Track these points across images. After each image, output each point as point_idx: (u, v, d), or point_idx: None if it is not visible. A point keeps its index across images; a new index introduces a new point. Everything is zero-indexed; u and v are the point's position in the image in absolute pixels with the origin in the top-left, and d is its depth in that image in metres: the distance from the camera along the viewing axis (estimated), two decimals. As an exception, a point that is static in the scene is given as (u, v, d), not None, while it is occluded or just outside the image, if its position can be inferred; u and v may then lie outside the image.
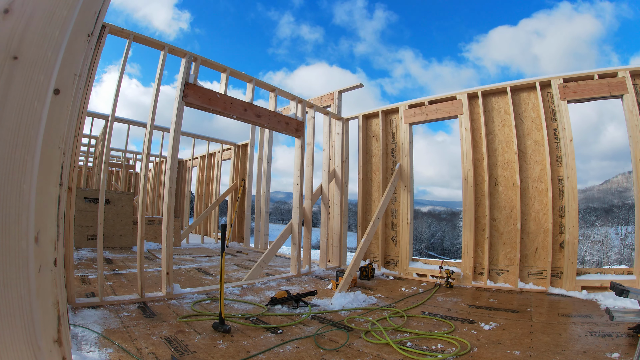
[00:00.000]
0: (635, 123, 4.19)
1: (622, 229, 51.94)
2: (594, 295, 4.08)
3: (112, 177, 12.15)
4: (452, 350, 2.50)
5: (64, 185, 0.99)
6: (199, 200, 11.27)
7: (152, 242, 7.84)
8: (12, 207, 0.83)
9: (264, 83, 5.11)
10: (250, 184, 9.30)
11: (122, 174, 10.85)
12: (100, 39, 3.37)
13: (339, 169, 6.54)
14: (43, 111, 0.88)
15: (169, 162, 3.87)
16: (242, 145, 10.12)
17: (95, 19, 1.01)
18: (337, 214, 6.49)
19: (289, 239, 5.54)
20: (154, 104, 3.82)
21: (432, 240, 65.87)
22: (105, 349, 2.30)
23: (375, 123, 6.47)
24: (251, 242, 9.65)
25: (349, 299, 3.82)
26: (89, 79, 3.24)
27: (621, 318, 2.42)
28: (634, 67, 4.30)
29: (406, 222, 5.81)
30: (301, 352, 2.45)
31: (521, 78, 5.06)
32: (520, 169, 4.90)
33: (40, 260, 0.88)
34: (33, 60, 0.86)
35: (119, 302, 3.40)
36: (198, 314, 3.21)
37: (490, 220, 5.04)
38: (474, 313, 3.54)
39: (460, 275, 5.12)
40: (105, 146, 3.59)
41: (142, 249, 3.58)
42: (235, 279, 4.99)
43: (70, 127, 0.98)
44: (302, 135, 5.55)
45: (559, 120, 4.67)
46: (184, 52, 4.01)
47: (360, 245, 5.10)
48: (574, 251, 4.40)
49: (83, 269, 4.97)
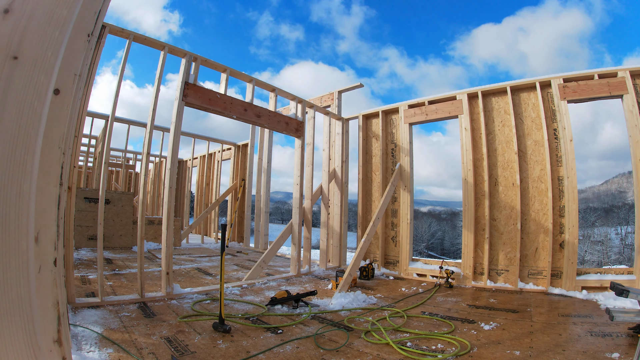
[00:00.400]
0: (635, 123, 4.19)
1: (622, 229, 51.94)
2: (594, 295, 4.08)
3: (112, 177, 12.16)
4: (452, 350, 2.49)
5: (64, 185, 0.99)
6: (199, 200, 11.27)
7: (152, 242, 7.84)
8: (12, 207, 0.83)
9: (264, 83, 5.12)
10: (250, 184, 9.31)
11: (122, 174, 10.85)
12: (100, 39, 3.37)
13: (339, 169, 6.54)
14: (43, 111, 0.88)
15: (169, 162, 3.87)
16: (242, 145, 10.12)
17: (95, 19, 1.01)
18: (337, 214, 6.49)
19: (289, 239, 5.54)
20: (154, 104, 3.82)
21: (432, 240, 65.86)
22: (105, 349, 2.30)
23: (375, 123, 6.47)
24: (251, 242, 9.65)
25: (349, 299, 3.82)
26: (89, 79, 3.24)
27: (621, 318, 2.42)
28: (634, 67, 4.30)
29: (406, 222, 5.81)
30: (301, 352, 2.45)
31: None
32: (520, 169, 4.90)
33: (40, 260, 0.89)
34: (33, 60, 0.86)
35: (119, 302, 3.40)
36: (198, 314, 3.21)
37: (490, 220, 5.04)
38: (474, 313, 3.54)
39: (460, 275, 5.12)
40: (105, 146, 3.59)
41: (142, 249, 3.58)
42: (235, 279, 4.99)
43: (70, 127, 0.98)
44: (302, 135, 5.55)
45: (559, 120, 4.67)
46: (184, 52, 4.01)
47: (360, 245, 5.10)
48: (574, 251, 4.41)
49: (83, 269, 4.97)
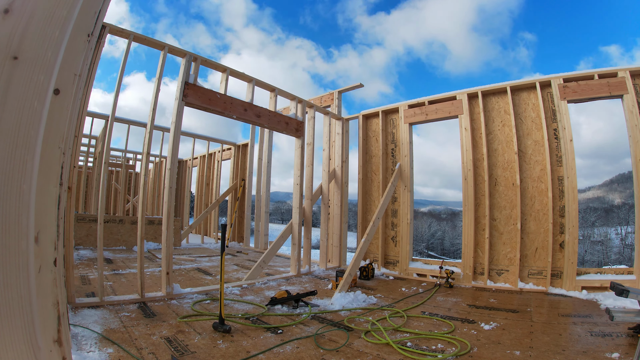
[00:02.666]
0: (635, 123, 4.19)
1: (622, 229, 51.94)
2: (594, 295, 4.08)
3: (112, 177, 12.15)
4: (452, 350, 2.49)
5: (64, 185, 0.99)
6: (199, 200, 11.27)
7: (152, 242, 7.85)
8: (12, 207, 0.83)
9: (264, 83, 5.11)
10: (250, 184, 9.31)
11: (122, 174, 10.84)
12: (100, 39, 3.37)
13: (339, 169, 6.54)
14: (43, 111, 0.88)
15: (169, 162, 3.87)
16: (242, 145, 10.12)
17: (95, 19, 1.01)
18: (337, 214, 6.49)
19: (289, 239, 5.54)
20: (154, 104, 3.81)
21: (432, 240, 65.86)
22: (105, 349, 2.30)
23: (375, 123, 6.47)
24: (251, 242, 9.65)
25: (349, 299, 3.82)
26: (89, 79, 3.24)
27: (621, 318, 2.42)
28: (634, 67, 4.30)
29: (406, 222, 5.81)
30: (301, 352, 2.45)
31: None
32: (520, 169, 4.90)
33: (40, 260, 0.88)
34: (33, 60, 0.86)
35: (119, 302, 3.40)
36: (198, 314, 3.21)
37: (490, 220, 5.04)
38: (474, 313, 3.54)
39: (460, 275, 5.12)
40: (105, 146, 3.59)
41: (142, 249, 3.58)
42: (235, 279, 4.99)
43: (70, 127, 0.98)
44: (302, 135, 5.54)
45: (559, 120, 4.67)
46: (184, 52, 4.01)
47: (360, 245, 5.10)
48: (574, 251, 4.40)
49: (83, 269, 4.97)
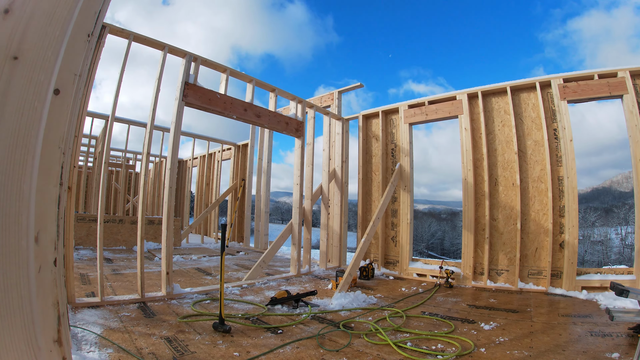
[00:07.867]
0: (635, 123, 4.19)
1: (622, 229, 51.95)
2: (594, 295, 4.08)
3: (112, 177, 12.15)
4: (452, 350, 2.50)
5: (64, 185, 0.99)
6: (199, 200, 11.26)
7: (152, 242, 7.85)
8: (12, 207, 0.83)
9: (264, 83, 5.11)
10: (250, 184, 9.31)
11: (122, 174, 10.84)
12: (101, 39, 3.37)
13: (339, 169, 6.54)
14: (43, 111, 0.88)
15: (169, 162, 3.87)
16: (242, 145, 10.12)
17: (95, 19, 1.01)
18: (337, 214, 6.49)
19: (289, 239, 5.54)
20: (154, 104, 3.81)
21: (432, 240, 65.86)
22: (105, 349, 2.30)
23: (375, 123, 6.47)
24: (251, 242, 9.65)
25: (349, 299, 3.82)
26: (89, 79, 3.24)
27: (621, 318, 2.42)
28: (634, 67, 4.30)
29: (406, 222, 5.81)
30: (301, 352, 2.45)
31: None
32: (520, 169, 4.90)
33: (40, 260, 0.88)
34: (33, 60, 0.86)
35: (119, 301, 3.40)
36: (198, 313, 3.21)
37: (490, 220, 5.04)
38: (474, 313, 3.54)
39: (460, 275, 5.12)
40: (105, 146, 3.59)
41: (142, 248, 3.58)
42: (235, 278, 4.99)
43: (70, 127, 0.98)
44: (302, 135, 5.54)
45: (558, 121, 4.67)
46: (184, 52, 4.01)
47: (360, 245, 5.10)
48: (574, 251, 4.41)
49: (83, 268, 4.97)
